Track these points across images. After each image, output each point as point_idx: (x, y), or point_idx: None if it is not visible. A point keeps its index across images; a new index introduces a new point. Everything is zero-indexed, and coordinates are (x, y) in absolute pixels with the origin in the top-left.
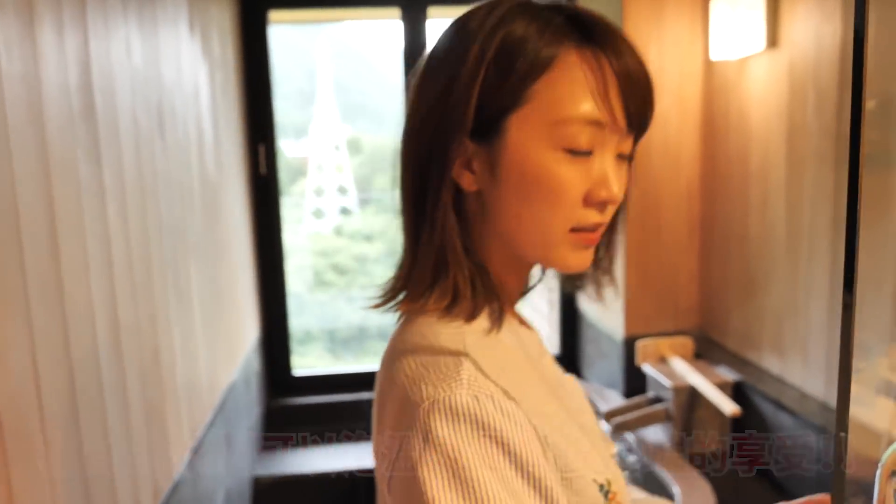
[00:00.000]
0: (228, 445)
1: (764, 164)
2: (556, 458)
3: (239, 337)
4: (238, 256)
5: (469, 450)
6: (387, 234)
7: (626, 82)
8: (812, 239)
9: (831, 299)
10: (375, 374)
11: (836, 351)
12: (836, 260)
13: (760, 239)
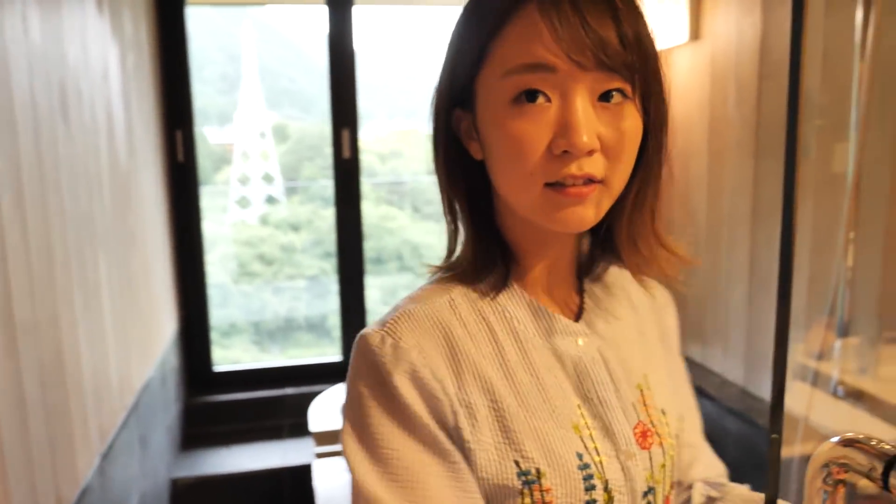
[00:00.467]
0: (143, 447)
1: (686, 154)
2: (468, 427)
3: (155, 332)
4: (153, 247)
5: (356, 378)
6: (313, 223)
7: (582, 15)
8: (732, 228)
9: (750, 288)
10: (300, 368)
11: (754, 338)
12: (755, 249)
13: (682, 228)
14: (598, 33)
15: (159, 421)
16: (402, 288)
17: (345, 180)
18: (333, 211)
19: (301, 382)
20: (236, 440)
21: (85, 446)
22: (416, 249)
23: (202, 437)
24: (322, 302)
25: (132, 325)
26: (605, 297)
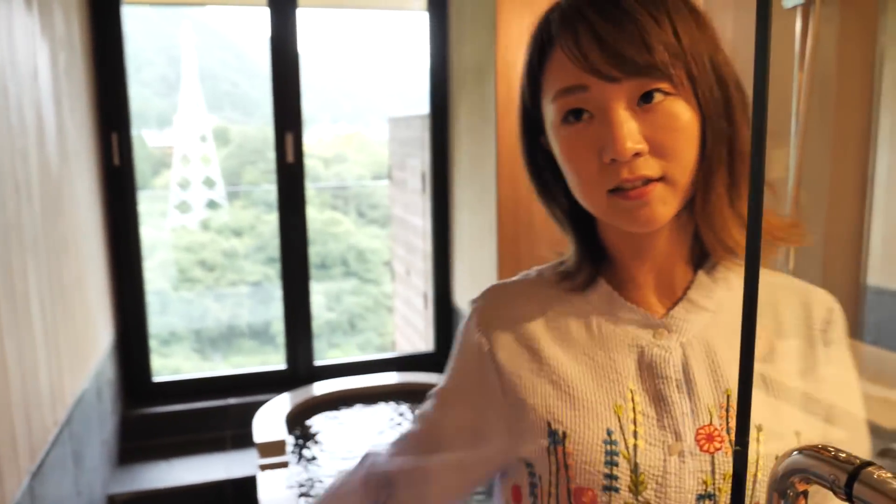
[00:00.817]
0: (77, 463)
1: None
2: (511, 385)
3: (90, 343)
4: (87, 255)
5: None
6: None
7: (597, 33)
8: None
9: None
10: (243, 377)
11: None
12: None
13: None
14: (614, 48)
15: (95, 435)
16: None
17: (289, 185)
18: (277, 216)
19: (245, 392)
20: (177, 453)
21: (13, 465)
22: (362, 254)
23: (141, 451)
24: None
25: (65, 335)
26: (712, 294)
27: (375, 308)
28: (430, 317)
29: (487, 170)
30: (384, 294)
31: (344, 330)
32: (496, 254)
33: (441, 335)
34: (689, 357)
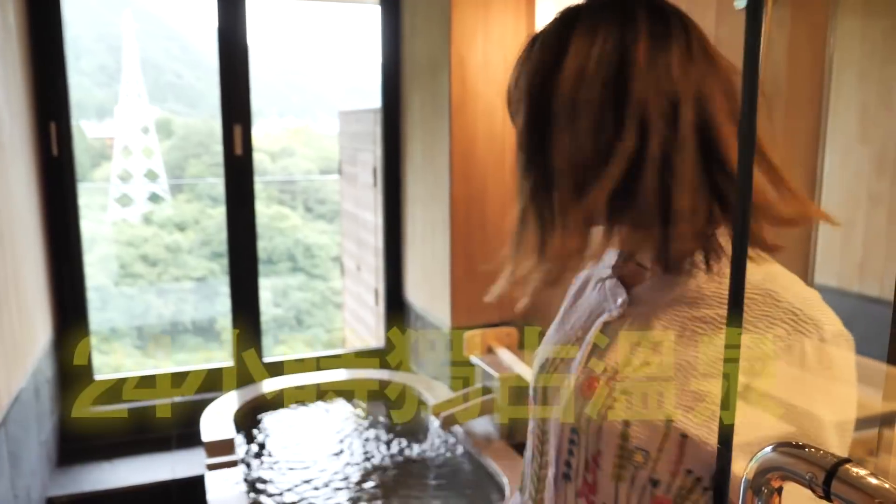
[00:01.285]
0: (14, 465)
1: None
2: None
3: (26, 340)
4: (24, 248)
5: None
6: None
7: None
8: None
9: None
10: (188, 374)
11: None
12: None
13: None
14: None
15: (32, 436)
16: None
17: (236, 178)
18: (222, 210)
19: (191, 390)
20: (120, 453)
21: None
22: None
23: (82, 452)
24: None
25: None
26: (664, 282)
27: (323, 304)
28: (381, 313)
29: (440, 165)
30: (332, 290)
31: (291, 326)
32: (448, 249)
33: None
34: (624, 320)
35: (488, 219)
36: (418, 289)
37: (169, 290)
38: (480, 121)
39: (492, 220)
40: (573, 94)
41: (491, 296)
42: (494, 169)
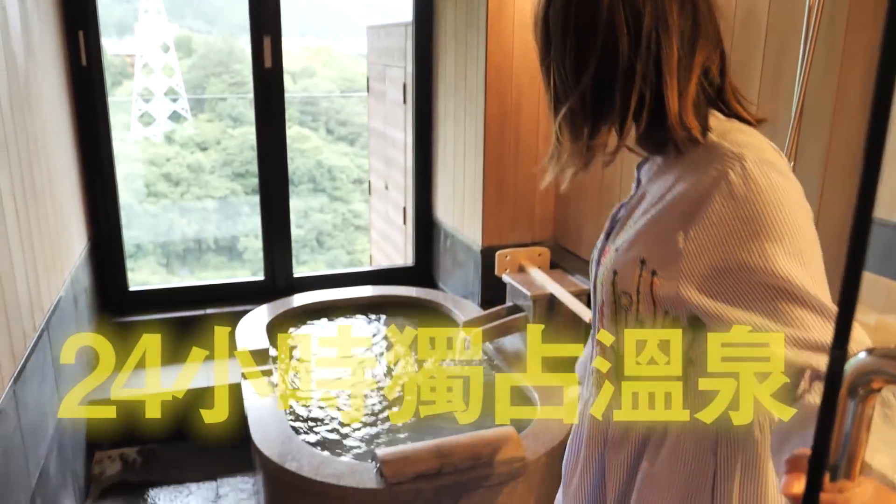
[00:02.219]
0: (58, 369)
1: None
2: None
3: (64, 249)
4: (58, 157)
5: None
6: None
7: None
8: None
9: None
10: (221, 287)
11: None
12: None
13: None
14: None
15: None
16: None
17: (266, 92)
18: (244, 130)
19: (222, 303)
20: (155, 362)
21: None
22: (330, 171)
23: (118, 360)
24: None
25: (39, 239)
26: (664, 166)
27: (343, 226)
28: (409, 231)
29: (474, 82)
30: (352, 212)
31: (312, 247)
32: (482, 168)
33: (421, 249)
34: (642, 198)
35: (521, 138)
36: (448, 208)
37: (191, 209)
38: (517, 35)
39: (525, 139)
40: (574, 21)
41: (543, 183)
42: (529, 87)
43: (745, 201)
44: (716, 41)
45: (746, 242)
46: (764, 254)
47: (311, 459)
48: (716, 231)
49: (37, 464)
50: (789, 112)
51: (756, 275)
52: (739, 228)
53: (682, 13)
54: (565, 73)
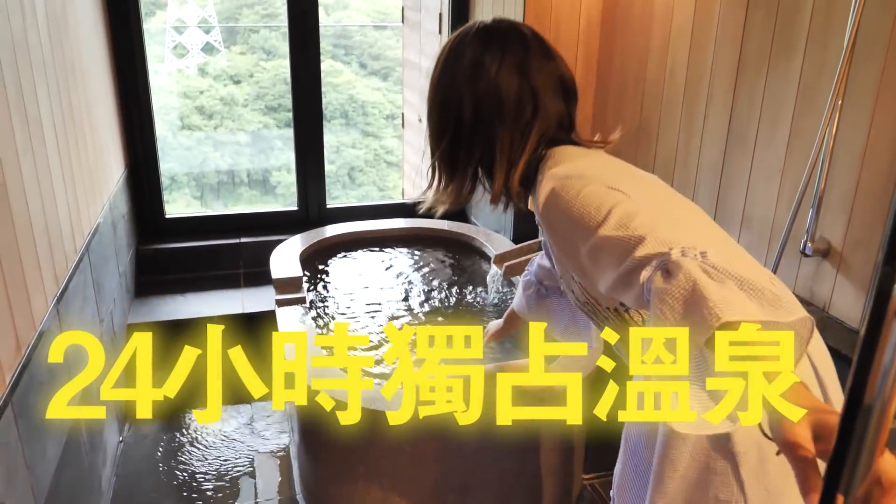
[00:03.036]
0: (98, 291)
1: (670, 4)
2: None
3: (102, 174)
4: (95, 82)
5: None
6: (255, 75)
7: None
8: (714, 81)
9: (727, 145)
10: (255, 216)
11: (725, 196)
12: (736, 104)
13: (658, 80)
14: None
15: (111, 267)
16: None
17: (300, 23)
18: (277, 63)
19: (256, 232)
20: (191, 288)
21: (38, 288)
22: (363, 106)
23: (156, 285)
24: (265, 157)
25: (78, 164)
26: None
27: (375, 162)
28: None
29: (512, 9)
30: (384, 148)
31: (344, 183)
32: None
33: None
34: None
35: None
36: None
37: (225, 142)
38: None
39: None
40: (438, 99)
41: (421, 207)
42: (568, 17)
43: (562, 210)
44: (561, 108)
45: (578, 234)
46: (596, 230)
47: None
48: (563, 235)
49: None
50: (841, 45)
51: (596, 248)
52: (571, 227)
53: (520, 106)
54: (432, 137)
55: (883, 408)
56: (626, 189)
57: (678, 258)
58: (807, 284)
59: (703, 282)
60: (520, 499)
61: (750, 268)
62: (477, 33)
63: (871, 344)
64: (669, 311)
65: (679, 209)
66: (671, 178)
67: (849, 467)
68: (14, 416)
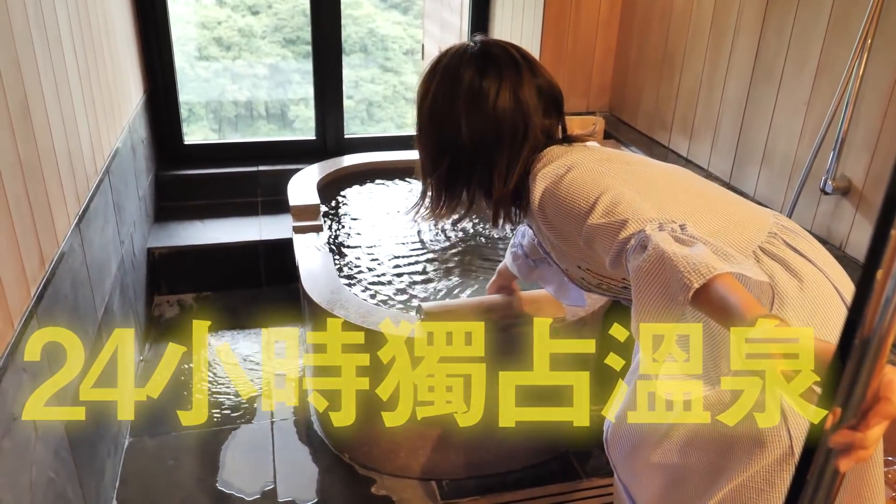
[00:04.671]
0: (118, 213)
1: None
2: None
3: (121, 97)
4: (114, 5)
5: None
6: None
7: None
8: (742, 13)
9: (752, 79)
10: (273, 144)
11: (747, 132)
12: (764, 36)
13: (685, 13)
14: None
15: (131, 191)
16: (365, 81)
17: None
18: None
19: (274, 161)
20: (210, 215)
21: (61, 206)
22: (382, 41)
23: (175, 211)
24: (283, 91)
25: (98, 85)
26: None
27: (394, 98)
28: None
29: None
30: (403, 84)
31: (362, 118)
32: (540, 30)
33: None
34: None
35: (583, 1)
36: None
37: (243, 74)
38: None
39: (587, 1)
40: (434, 125)
41: (410, 219)
42: None
43: (556, 206)
44: (547, 122)
45: (572, 225)
46: (586, 219)
47: (359, 308)
48: (561, 228)
49: (102, 298)
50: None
51: (589, 236)
52: (566, 220)
53: (515, 130)
54: (428, 158)
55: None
56: (612, 175)
57: (652, 232)
58: (824, 222)
59: (671, 251)
60: (530, 424)
61: (731, 239)
62: (473, 58)
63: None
64: (644, 284)
65: (666, 185)
66: (693, 111)
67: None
68: (39, 328)
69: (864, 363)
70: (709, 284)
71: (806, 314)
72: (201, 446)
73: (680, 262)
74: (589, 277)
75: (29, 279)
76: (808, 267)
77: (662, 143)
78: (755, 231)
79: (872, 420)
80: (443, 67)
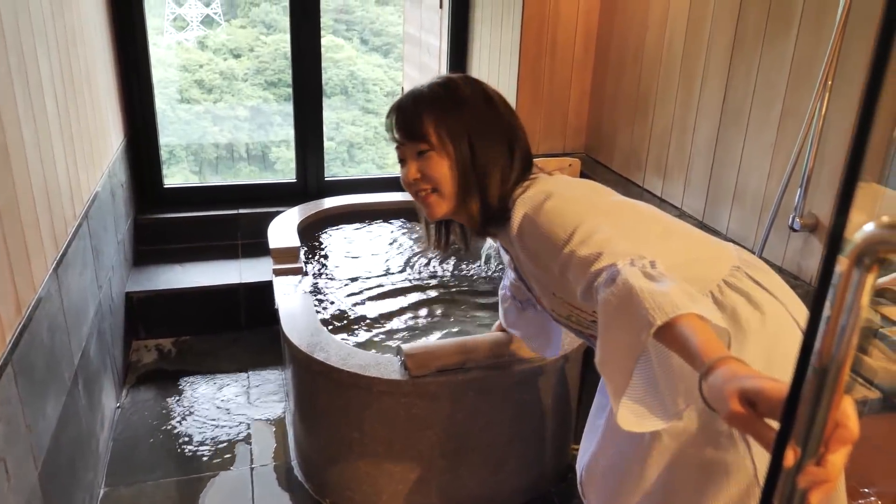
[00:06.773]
0: (96, 258)
1: None
2: None
3: (101, 142)
4: (95, 50)
5: None
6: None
7: (398, 112)
8: (710, 58)
9: (721, 121)
10: (253, 187)
11: (719, 173)
12: (732, 81)
13: (656, 57)
14: (404, 122)
15: (110, 235)
16: (346, 123)
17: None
18: (277, 38)
19: (255, 204)
20: (189, 258)
21: (38, 251)
22: (363, 83)
23: (154, 254)
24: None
25: (77, 130)
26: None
27: (375, 140)
28: None
29: None
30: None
31: (343, 160)
32: (516, 74)
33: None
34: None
35: (559, 43)
36: None
37: (224, 116)
38: None
39: (562, 44)
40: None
41: (420, 248)
42: None
43: (534, 233)
44: (525, 147)
45: (549, 253)
46: (562, 249)
47: (339, 350)
48: (538, 255)
49: (79, 344)
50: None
51: (564, 265)
52: (543, 247)
53: (507, 154)
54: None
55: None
56: (589, 206)
57: (623, 266)
58: (795, 259)
59: (638, 286)
60: (511, 465)
61: (697, 273)
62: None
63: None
64: (610, 317)
65: (638, 221)
66: (667, 151)
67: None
68: (14, 375)
69: (822, 399)
70: (672, 323)
71: (767, 346)
72: (179, 494)
73: (646, 299)
74: (560, 309)
75: (4, 325)
76: (768, 299)
77: (637, 184)
78: (720, 265)
79: (833, 446)
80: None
